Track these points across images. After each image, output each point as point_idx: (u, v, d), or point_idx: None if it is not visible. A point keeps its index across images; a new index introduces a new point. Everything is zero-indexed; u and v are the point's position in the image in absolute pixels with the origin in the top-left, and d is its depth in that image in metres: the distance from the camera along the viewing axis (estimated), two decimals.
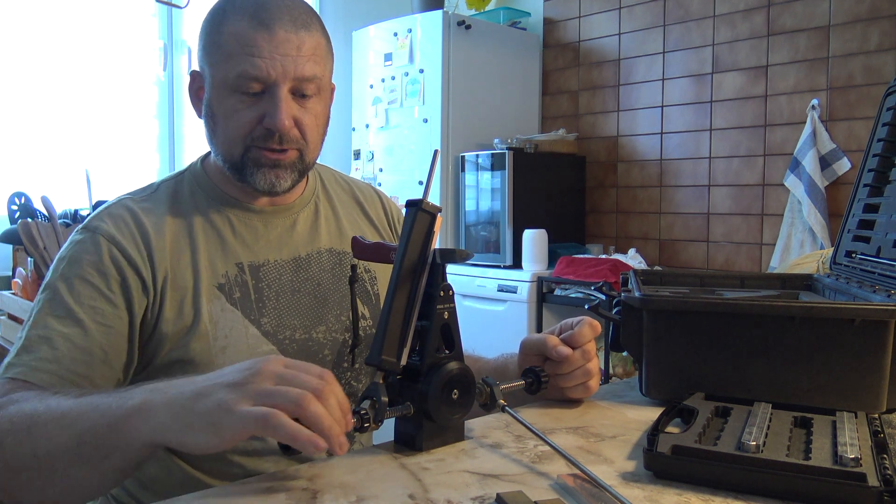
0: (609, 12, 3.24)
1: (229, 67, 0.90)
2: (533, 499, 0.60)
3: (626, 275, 1.09)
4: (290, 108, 0.91)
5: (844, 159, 2.54)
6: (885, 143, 1.11)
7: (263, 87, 0.90)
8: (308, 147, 0.95)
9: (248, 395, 0.63)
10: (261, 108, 0.91)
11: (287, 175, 0.94)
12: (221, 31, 0.91)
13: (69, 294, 0.86)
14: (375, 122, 3.33)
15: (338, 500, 0.62)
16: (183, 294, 0.92)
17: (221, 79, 0.91)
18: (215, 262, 0.95)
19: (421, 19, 3.15)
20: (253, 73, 0.89)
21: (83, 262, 0.88)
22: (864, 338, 0.81)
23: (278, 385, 0.64)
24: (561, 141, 3.24)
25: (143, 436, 0.66)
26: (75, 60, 2.92)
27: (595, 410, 0.90)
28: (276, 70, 0.89)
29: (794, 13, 2.65)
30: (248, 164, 0.93)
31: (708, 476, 0.65)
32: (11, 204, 2.53)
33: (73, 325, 0.84)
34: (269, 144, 0.92)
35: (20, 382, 0.79)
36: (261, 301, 0.95)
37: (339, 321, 1.01)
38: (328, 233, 1.05)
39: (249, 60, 0.88)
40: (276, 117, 0.90)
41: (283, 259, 0.99)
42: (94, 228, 0.91)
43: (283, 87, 0.90)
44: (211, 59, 0.93)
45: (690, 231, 3.00)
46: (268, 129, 0.91)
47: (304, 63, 0.91)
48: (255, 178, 0.93)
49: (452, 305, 0.77)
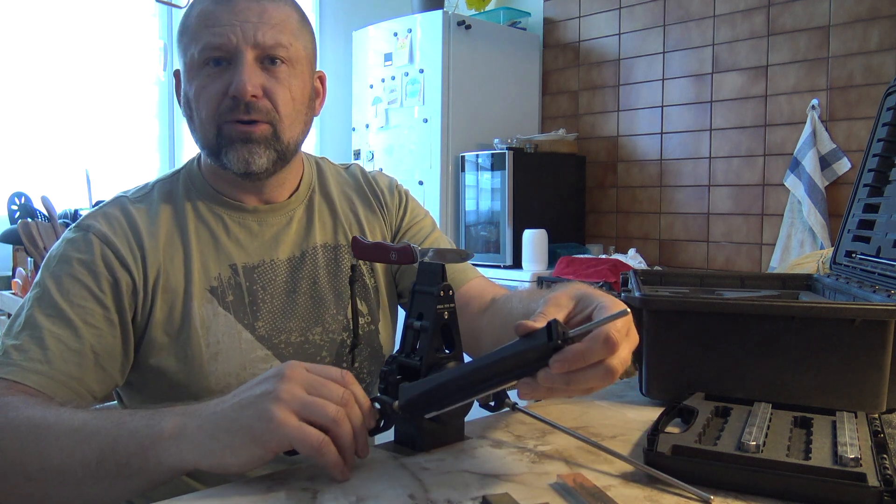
0: (609, 12, 3.24)
1: (194, 46, 0.89)
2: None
3: (626, 275, 1.08)
4: (255, 74, 0.88)
5: (844, 159, 2.54)
6: (885, 143, 1.11)
7: (228, 58, 0.88)
8: (282, 121, 0.91)
9: (287, 405, 0.62)
10: (226, 79, 0.88)
11: (261, 151, 0.90)
12: (190, 16, 0.91)
13: (58, 293, 0.85)
14: (375, 122, 3.33)
15: (338, 500, 0.62)
16: (174, 297, 0.90)
17: (190, 61, 0.90)
18: (208, 263, 0.93)
19: (421, 19, 3.15)
20: (214, 42, 0.87)
21: (73, 260, 0.87)
22: (864, 338, 0.81)
23: (309, 393, 0.64)
24: (561, 141, 3.24)
25: (177, 461, 0.64)
26: (75, 60, 2.92)
27: (595, 410, 0.90)
28: (237, 35, 0.87)
29: (794, 13, 2.65)
30: (222, 144, 0.90)
31: (708, 476, 0.65)
32: (11, 204, 2.53)
33: (63, 325, 0.83)
34: (236, 115, 0.88)
35: (12, 384, 0.78)
36: (255, 304, 0.94)
37: (337, 321, 0.99)
38: (322, 228, 1.02)
39: (210, 31, 0.88)
40: (238, 80, 0.87)
41: (279, 259, 0.97)
42: (86, 227, 0.90)
43: (246, 54, 0.88)
44: (181, 46, 0.92)
45: (690, 231, 3.00)
46: (233, 97, 0.88)
47: (267, 30, 0.89)
48: (228, 158, 0.90)
49: (452, 305, 0.76)
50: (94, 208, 0.95)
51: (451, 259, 0.79)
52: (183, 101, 0.94)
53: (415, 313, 0.77)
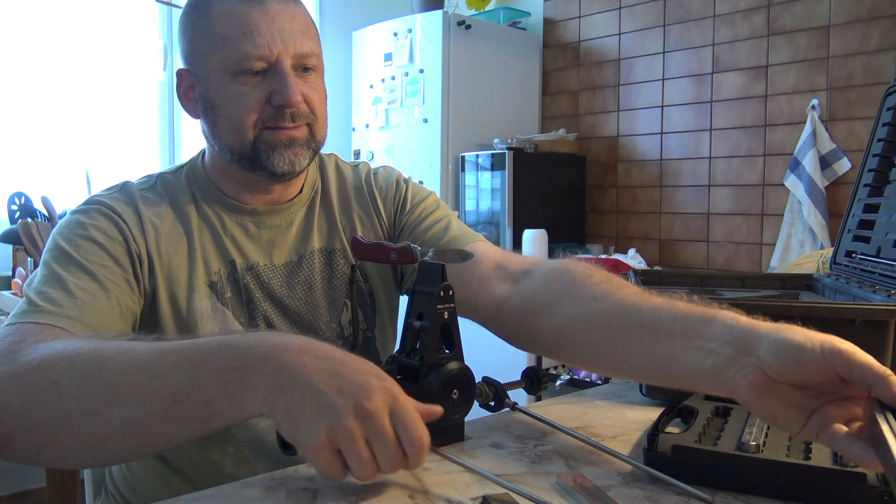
0: (609, 12, 3.24)
1: (228, 52, 0.86)
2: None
3: (626, 275, 1.08)
4: (297, 83, 0.88)
5: (844, 159, 2.54)
6: (885, 143, 1.11)
7: (266, 66, 0.87)
8: (318, 122, 0.92)
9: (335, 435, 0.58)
10: (266, 88, 0.87)
11: (303, 153, 0.91)
12: (210, 17, 0.87)
13: (76, 252, 0.82)
14: (375, 122, 3.33)
15: (338, 500, 0.62)
16: (176, 287, 0.90)
17: (220, 66, 0.87)
18: (209, 258, 0.93)
19: (421, 19, 3.15)
20: (256, 52, 0.85)
21: (87, 224, 0.86)
22: (864, 338, 0.81)
23: (366, 433, 0.59)
24: (561, 141, 3.24)
25: (256, 412, 0.61)
26: (76, 60, 2.92)
27: (595, 410, 0.90)
28: (277, 46, 0.86)
29: (794, 13, 2.65)
30: (261, 149, 0.89)
31: (708, 476, 0.65)
32: (11, 204, 2.53)
33: (88, 279, 0.80)
34: (281, 123, 0.88)
35: (45, 327, 0.73)
36: (251, 303, 0.93)
37: (331, 328, 0.98)
38: (320, 231, 1.00)
39: (251, 39, 0.85)
40: (287, 93, 0.86)
41: (274, 263, 0.96)
42: (96, 202, 0.89)
43: (287, 63, 0.87)
44: (202, 48, 0.88)
45: (690, 231, 3.00)
46: (278, 107, 0.87)
47: (302, 37, 0.88)
48: (272, 162, 0.89)
49: (452, 305, 0.76)
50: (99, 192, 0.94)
51: (451, 259, 0.79)
52: (203, 106, 0.91)
53: (415, 313, 0.77)
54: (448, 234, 1.00)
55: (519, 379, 0.88)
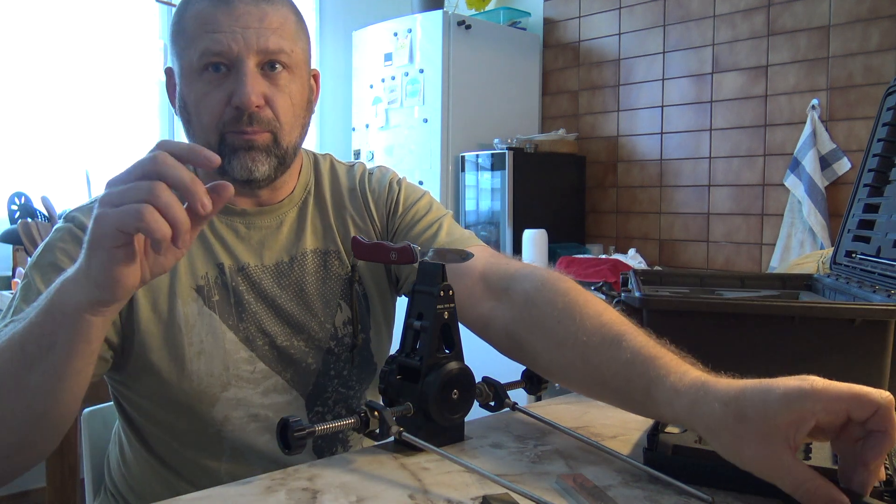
0: (609, 12, 3.24)
1: (192, 50, 0.86)
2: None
3: (626, 275, 1.08)
4: (258, 83, 0.87)
5: (844, 159, 2.54)
6: (886, 143, 1.11)
7: (229, 64, 0.87)
8: (283, 129, 0.90)
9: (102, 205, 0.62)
10: (228, 87, 0.86)
11: (263, 159, 0.88)
12: (185, 17, 0.89)
13: (42, 282, 0.84)
14: (375, 122, 3.33)
15: (338, 500, 0.62)
16: (157, 294, 0.89)
17: (188, 65, 0.88)
18: (195, 262, 0.92)
19: (421, 19, 3.16)
20: (214, 48, 0.85)
21: (56, 249, 0.87)
22: (864, 338, 0.81)
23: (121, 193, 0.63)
24: (561, 141, 3.24)
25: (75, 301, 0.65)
26: (76, 60, 2.92)
27: (595, 410, 0.90)
28: (238, 43, 0.85)
29: (794, 13, 2.65)
30: (224, 152, 0.87)
31: (708, 476, 0.65)
32: (11, 204, 2.53)
33: None
34: (239, 127, 0.87)
35: None
36: (240, 305, 0.93)
37: (325, 329, 0.97)
38: (314, 232, 1.00)
39: (210, 37, 0.85)
40: (242, 92, 0.85)
41: (264, 264, 0.96)
42: (72, 219, 0.90)
43: (248, 62, 0.86)
44: (177, 48, 0.90)
45: (690, 231, 3.00)
46: (236, 108, 0.86)
47: (269, 35, 0.87)
48: (232, 166, 0.88)
49: (452, 305, 0.77)
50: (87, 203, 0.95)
51: (451, 259, 0.79)
52: (179, 103, 0.92)
53: (415, 313, 0.77)
54: (437, 240, 1.00)
55: (519, 379, 0.88)
